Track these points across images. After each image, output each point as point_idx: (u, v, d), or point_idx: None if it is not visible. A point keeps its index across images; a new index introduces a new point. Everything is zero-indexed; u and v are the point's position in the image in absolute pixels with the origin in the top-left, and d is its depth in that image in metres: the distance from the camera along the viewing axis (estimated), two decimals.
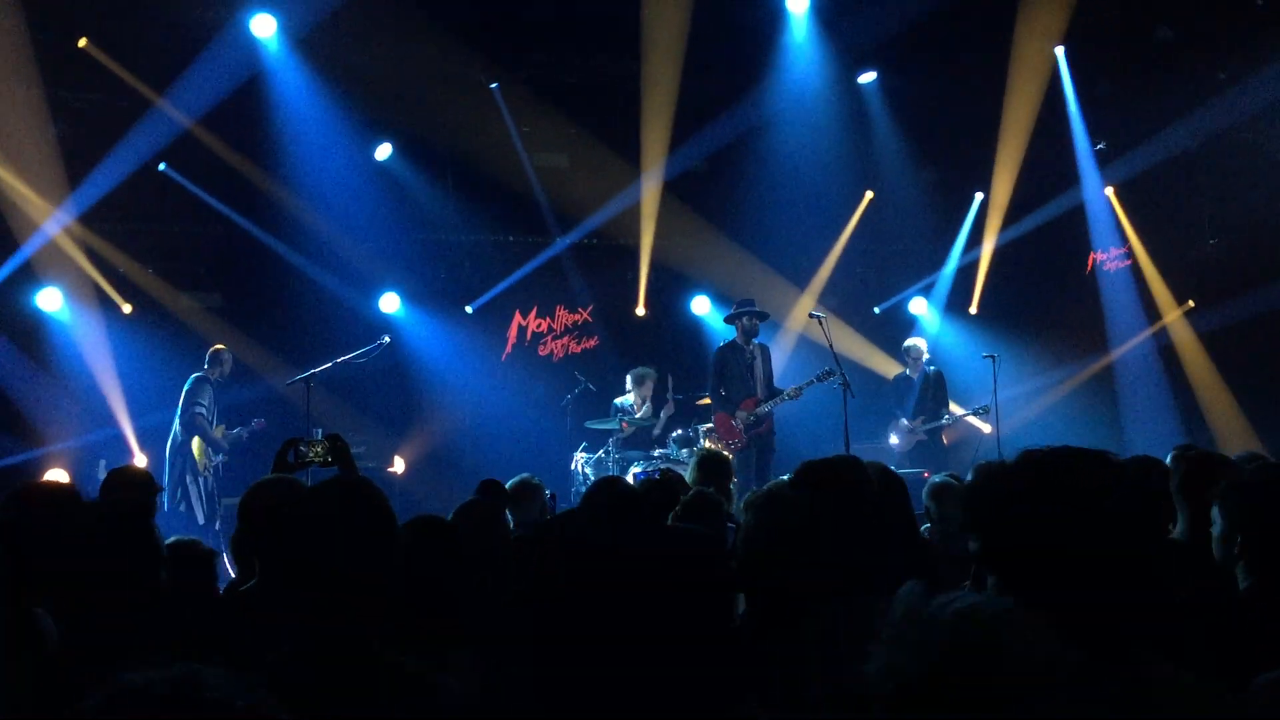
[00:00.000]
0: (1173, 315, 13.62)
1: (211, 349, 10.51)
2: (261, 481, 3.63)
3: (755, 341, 10.67)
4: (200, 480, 10.28)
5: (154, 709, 1.20)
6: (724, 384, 10.60)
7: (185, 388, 10.24)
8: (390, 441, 11.66)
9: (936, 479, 6.25)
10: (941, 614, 1.50)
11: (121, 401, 11.00)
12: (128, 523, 2.44)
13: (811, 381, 10.34)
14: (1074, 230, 13.71)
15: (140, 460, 10.23)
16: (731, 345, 10.71)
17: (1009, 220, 13.55)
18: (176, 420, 10.23)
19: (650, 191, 12.53)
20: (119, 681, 1.22)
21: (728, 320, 10.96)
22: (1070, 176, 13.27)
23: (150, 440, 10.74)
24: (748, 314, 10.61)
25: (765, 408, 10.45)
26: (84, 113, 10.77)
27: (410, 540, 3.81)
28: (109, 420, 10.94)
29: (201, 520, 10.02)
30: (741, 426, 10.41)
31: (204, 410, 10.19)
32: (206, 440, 10.22)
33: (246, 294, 11.91)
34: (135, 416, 10.93)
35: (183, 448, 10.18)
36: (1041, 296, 13.90)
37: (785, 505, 2.91)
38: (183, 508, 10.11)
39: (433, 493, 10.83)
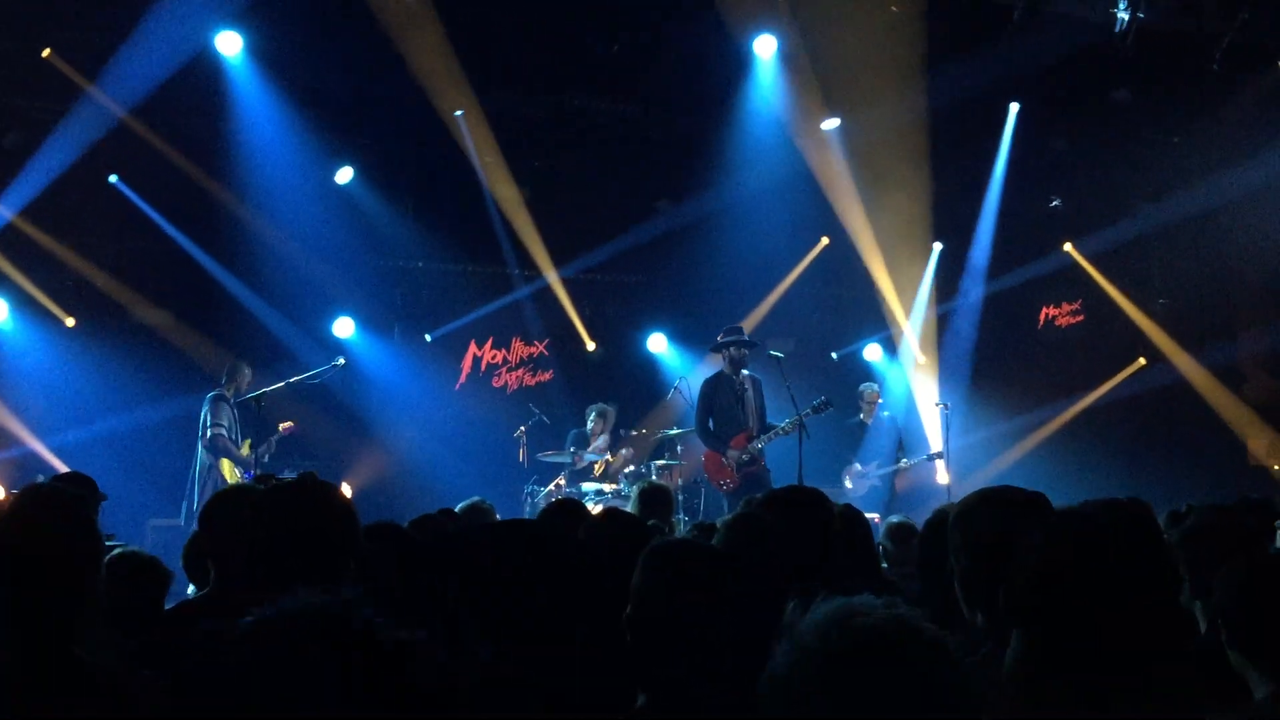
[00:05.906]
0: (1126, 372, 13.81)
1: (230, 363, 10.19)
2: (223, 490, 3.83)
3: (745, 373, 9.91)
4: None
5: (305, 633, 1.26)
6: (711, 418, 9.83)
7: (203, 409, 9.86)
8: (338, 467, 11.43)
9: (894, 519, 6.29)
10: (808, 620, 1.54)
11: (60, 416, 10.73)
12: (62, 509, 2.31)
13: (807, 413, 9.44)
14: (1027, 286, 13.88)
15: None
16: (719, 377, 9.92)
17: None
18: (199, 444, 9.84)
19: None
20: (276, 607, 1.29)
21: (713, 350, 10.20)
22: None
23: (84, 455, 10.37)
24: (734, 343, 9.85)
25: (758, 444, 9.71)
26: (40, 122, 10.54)
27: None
28: (49, 434, 10.65)
29: None
30: (733, 466, 9.68)
31: (225, 430, 9.79)
32: (234, 460, 9.84)
33: (198, 311, 11.61)
34: (75, 430, 10.63)
35: (211, 470, 9.73)
36: (994, 349, 14.02)
37: (758, 525, 2.91)
38: None
39: (379, 519, 10.60)
